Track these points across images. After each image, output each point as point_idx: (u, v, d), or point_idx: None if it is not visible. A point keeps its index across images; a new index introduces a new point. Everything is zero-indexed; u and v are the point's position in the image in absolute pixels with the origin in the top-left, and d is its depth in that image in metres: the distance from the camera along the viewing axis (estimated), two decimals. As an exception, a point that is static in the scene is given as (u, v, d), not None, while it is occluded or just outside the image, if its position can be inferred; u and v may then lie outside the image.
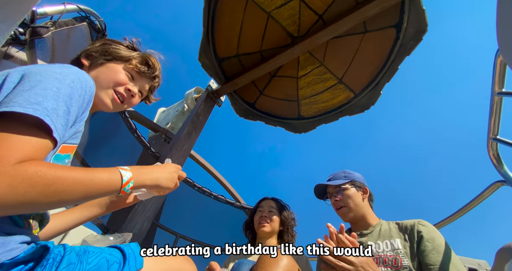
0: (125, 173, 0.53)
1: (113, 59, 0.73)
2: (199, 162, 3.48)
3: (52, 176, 0.42)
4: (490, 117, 1.11)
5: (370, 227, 1.06)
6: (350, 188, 1.10)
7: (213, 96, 2.32)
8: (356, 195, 1.08)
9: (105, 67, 0.72)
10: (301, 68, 2.26)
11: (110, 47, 0.75)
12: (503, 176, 1.12)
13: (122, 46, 0.77)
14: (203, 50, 2.02)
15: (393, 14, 1.76)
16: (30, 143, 0.43)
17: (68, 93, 0.51)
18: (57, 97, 0.48)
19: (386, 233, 1.01)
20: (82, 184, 0.45)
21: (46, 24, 1.12)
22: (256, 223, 1.39)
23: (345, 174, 1.15)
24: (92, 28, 1.40)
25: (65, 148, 0.57)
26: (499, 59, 1.02)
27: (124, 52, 0.75)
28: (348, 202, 1.06)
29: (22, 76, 0.51)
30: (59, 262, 0.45)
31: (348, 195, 1.07)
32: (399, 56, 1.93)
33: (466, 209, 1.35)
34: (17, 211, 0.42)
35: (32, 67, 0.54)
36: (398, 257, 0.91)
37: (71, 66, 0.60)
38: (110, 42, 0.77)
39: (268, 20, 1.91)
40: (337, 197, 1.09)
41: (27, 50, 1.07)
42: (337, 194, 1.10)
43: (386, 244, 0.97)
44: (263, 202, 1.50)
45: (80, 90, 0.54)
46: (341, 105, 2.35)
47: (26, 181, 0.39)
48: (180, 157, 1.90)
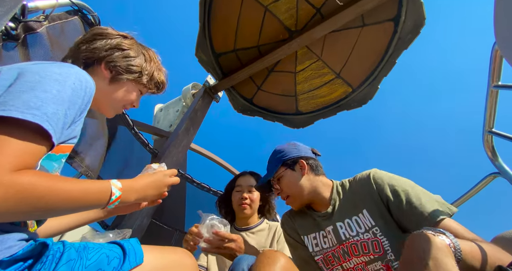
0: (115, 192, 0.55)
1: (134, 77, 0.75)
2: (203, 154, 3.43)
3: (45, 188, 0.42)
4: (486, 110, 1.12)
5: (329, 203, 0.92)
6: (283, 172, 0.94)
7: (210, 91, 2.31)
8: (292, 176, 0.93)
9: (125, 87, 0.74)
10: (299, 62, 2.25)
11: (131, 61, 0.74)
12: (498, 168, 1.14)
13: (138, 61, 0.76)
14: (200, 45, 1.99)
15: (391, 7, 1.75)
16: (27, 149, 0.42)
17: (68, 96, 0.50)
18: (57, 101, 0.47)
19: (349, 202, 0.88)
20: (73, 199, 0.46)
21: (38, 18, 1.10)
22: (235, 204, 1.34)
23: (276, 156, 0.99)
24: (85, 22, 1.37)
25: (61, 148, 0.56)
26: (496, 52, 1.02)
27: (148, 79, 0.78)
28: (289, 189, 0.93)
29: (19, 74, 0.49)
30: (59, 258, 0.45)
31: (284, 183, 0.93)
32: (397, 49, 1.92)
33: (461, 201, 1.38)
34: (5, 219, 0.42)
35: (30, 66, 0.52)
36: (377, 239, 0.79)
37: (71, 65, 0.58)
38: (134, 54, 0.75)
39: (265, 14, 1.89)
40: (278, 189, 0.96)
41: (19, 46, 1.04)
42: (276, 187, 0.97)
43: (357, 221, 0.84)
44: (240, 178, 1.40)
45: (80, 91, 0.54)
46: (339, 100, 2.34)
47: (20, 193, 0.39)
48: (178, 153, 1.90)
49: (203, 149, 3.44)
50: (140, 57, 0.77)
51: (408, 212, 0.74)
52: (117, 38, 0.74)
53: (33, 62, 0.56)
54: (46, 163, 0.54)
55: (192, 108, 2.12)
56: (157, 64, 0.82)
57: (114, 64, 0.71)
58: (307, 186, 0.93)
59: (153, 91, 0.83)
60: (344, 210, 0.89)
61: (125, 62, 0.73)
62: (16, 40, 1.01)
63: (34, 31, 1.07)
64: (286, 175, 0.94)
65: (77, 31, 1.32)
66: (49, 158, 0.54)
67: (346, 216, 0.88)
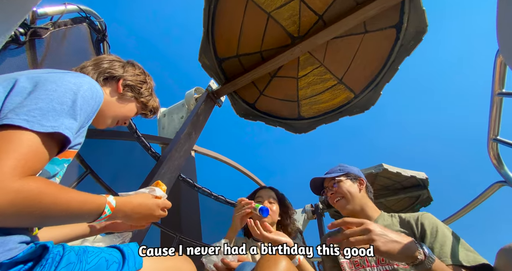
0: (107, 211, 0.55)
1: (140, 101, 0.85)
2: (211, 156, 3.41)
3: (51, 196, 0.43)
4: (491, 118, 1.11)
5: (371, 220, 1.02)
6: (344, 180, 1.08)
7: (213, 96, 2.33)
8: (352, 187, 1.06)
9: (130, 103, 0.83)
10: (301, 68, 2.26)
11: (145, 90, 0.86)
12: (504, 176, 1.12)
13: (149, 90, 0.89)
14: (203, 50, 2.02)
15: (393, 14, 1.76)
16: (39, 155, 0.45)
17: (80, 105, 0.54)
18: (72, 112, 0.51)
19: (389, 227, 0.96)
20: (70, 210, 0.47)
21: (47, 26, 1.12)
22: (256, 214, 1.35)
23: (340, 168, 1.14)
24: (92, 28, 1.40)
25: (66, 153, 0.57)
26: (499, 60, 1.01)
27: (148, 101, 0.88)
28: (344, 193, 1.04)
29: (36, 83, 0.52)
30: (58, 261, 0.45)
31: (343, 187, 1.05)
32: (399, 56, 1.93)
33: (467, 210, 1.35)
34: (8, 224, 0.43)
35: (46, 74, 0.56)
36: None
37: (84, 75, 0.63)
38: (143, 79, 0.86)
39: (268, 20, 1.92)
40: (333, 190, 1.08)
41: (27, 51, 1.07)
42: (332, 187, 1.08)
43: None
44: (261, 191, 1.41)
45: (91, 100, 0.57)
46: (341, 105, 2.35)
47: (27, 200, 0.40)
48: (180, 157, 1.90)
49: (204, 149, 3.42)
50: (148, 82, 0.89)
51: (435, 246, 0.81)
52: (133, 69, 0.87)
53: (49, 71, 0.60)
54: (49, 167, 0.54)
55: (195, 113, 2.13)
56: (153, 93, 0.93)
57: (128, 83, 0.81)
58: (360, 200, 1.04)
59: (146, 113, 0.91)
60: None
61: (136, 83, 0.84)
62: (22, 45, 1.04)
63: (40, 37, 1.10)
64: (347, 182, 1.06)
65: (84, 37, 1.35)
66: (52, 163, 0.55)
67: None
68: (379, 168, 3.18)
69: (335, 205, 1.07)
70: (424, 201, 3.54)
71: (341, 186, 1.06)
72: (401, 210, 3.73)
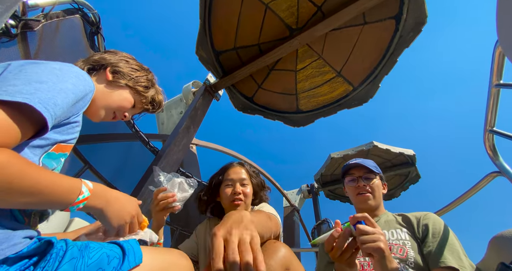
0: (84, 192, 0.51)
1: (134, 88, 0.79)
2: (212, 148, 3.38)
3: (18, 169, 0.41)
4: (487, 109, 1.11)
5: (375, 217, 1.10)
6: (380, 178, 1.16)
7: (211, 90, 2.30)
8: (380, 187, 1.14)
9: (123, 92, 0.77)
10: (299, 61, 2.24)
11: (139, 77, 0.81)
12: (498, 167, 1.14)
13: (144, 78, 0.83)
14: (200, 43, 1.98)
15: (392, 5, 1.74)
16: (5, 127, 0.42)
17: (64, 86, 0.52)
18: (52, 89, 0.49)
19: (391, 223, 1.04)
20: (40, 188, 0.44)
21: (38, 17, 1.09)
22: (226, 200, 1.16)
23: (375, 165, 1.20)
24: (85, 20, 1.36)
25: (62, 147, 0.57)
26: (498, 51, 1.01)
27: (144, 90, 0.82)
28: (375, 192, 1.11)
29: (21, 66, 0.52)
30: (62, 256, 0.45)
31: (377, 185, 1.13)
32: (398, 48, 1.91)
33: (462, 200, 1.38)
34: None
35: (33, 61, 0.55)
36: (404, 248, 0.92)
37: (71, 65, 0.61)
38: (137, 67, 0.82)
39: (266, 11, 1.88)
40: (367, 184, 1.12)
41: (19, 43, 1.04)
42: (367, 180, 1.13)
43: (392, 233, 0.99)
44: (230, 171, 1.22)
45: (77, 82, 0.55)
46: (339, 98, 2.34)
47: None
48: (179, 152, 1.90)
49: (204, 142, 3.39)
50: (141, 71, 0.84)
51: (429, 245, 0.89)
52: (125, 56, 0.83)
53: (37, 61, 0.58)
54: (46, 161, 0.54)
55: (193, 107, 2.11)
56: (155, 85, 0.87)
57: (117, 69, 0.77)
58: (380, 201, 1.15)
59: (148, 108, 0.86)
60: (384, 225, 1.04)
61: (127, 69, 0.79)
62: (14, 38, 1.01)
63: (32, 29, 1.07)
64: (380, 182, 1.16)
65: (77, 29, 1.32)
66: (49, 157, 0.55)
67: (384, 229, 1.02)
68: (370, 145, 3.34)
69: (358, 196, 1.11)
70: (413, 179, 3.76)
71: (376, 186, 1.13)
72: (391, 189, 3.93)
